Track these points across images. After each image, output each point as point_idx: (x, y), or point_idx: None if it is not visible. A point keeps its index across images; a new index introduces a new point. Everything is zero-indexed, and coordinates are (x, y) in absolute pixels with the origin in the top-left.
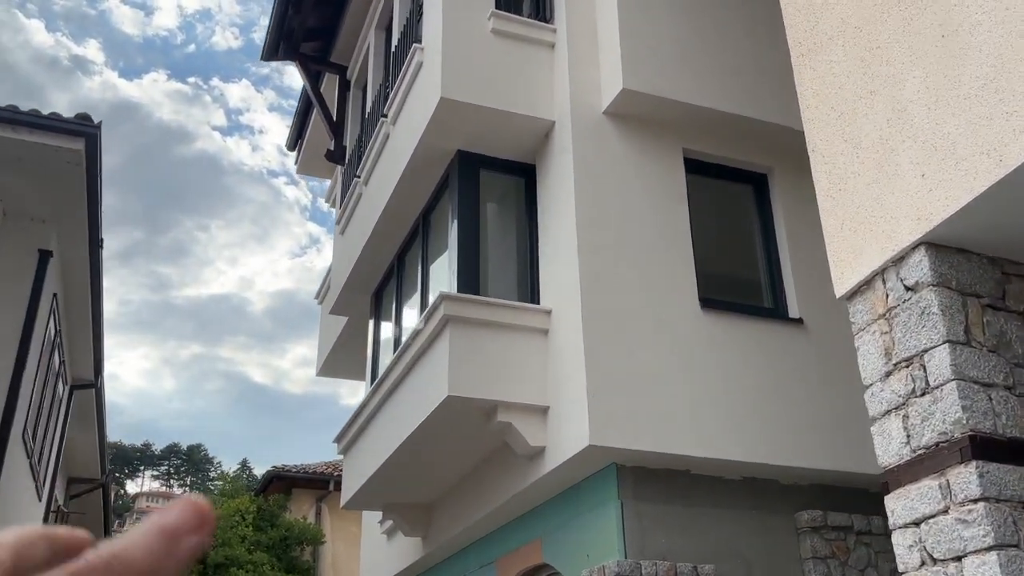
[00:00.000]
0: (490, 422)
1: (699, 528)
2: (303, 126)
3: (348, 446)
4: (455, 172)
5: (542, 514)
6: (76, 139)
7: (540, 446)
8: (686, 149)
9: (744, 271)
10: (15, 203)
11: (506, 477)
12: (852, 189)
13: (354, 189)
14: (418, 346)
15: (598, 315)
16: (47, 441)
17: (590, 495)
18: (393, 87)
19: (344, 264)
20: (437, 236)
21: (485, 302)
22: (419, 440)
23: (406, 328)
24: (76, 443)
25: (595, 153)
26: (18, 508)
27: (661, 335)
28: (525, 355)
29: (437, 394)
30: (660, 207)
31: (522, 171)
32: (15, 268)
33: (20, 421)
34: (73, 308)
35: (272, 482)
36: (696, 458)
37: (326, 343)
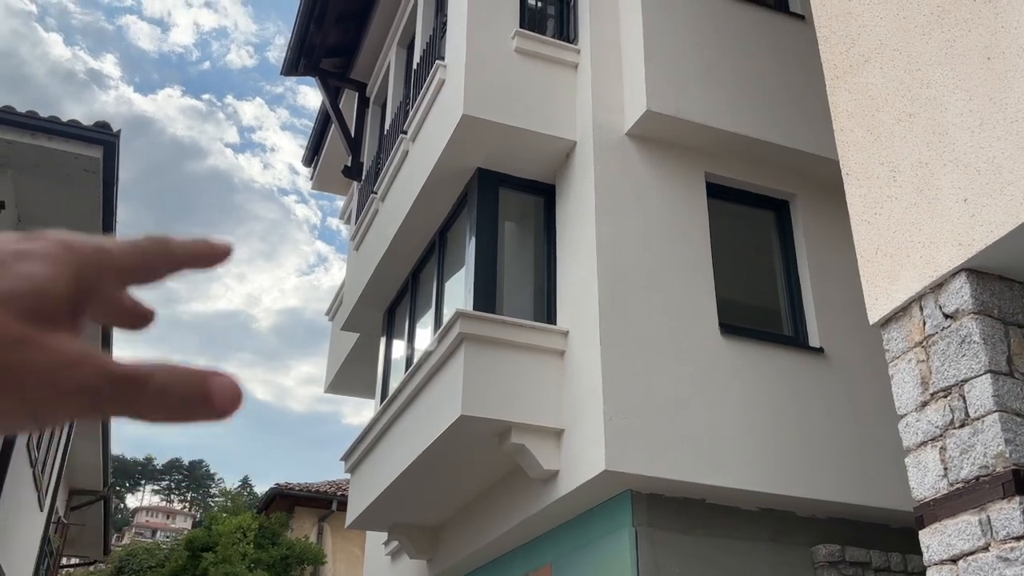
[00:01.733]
0: (503, 444)
1: (714, 558)
2: (320, 142)
3: (355, 465)
4: (474, 190)
5: (554, 539)
6: (94, 147)
7: (554, 469)
8: (708, 173)
9: (765, 298)
10: (31, 209)
11: (517, 500)
12: (888, 214)
13: (370, 205)
14: (431, 364)
15: (616, 338)
16: (51, 451)
17: (604, 521)
18: (413, 104)
19: (358, 280)
20: (454, 254)
21: (501, 321)
22: (429, 460)
23: (419, 346)
24: (79, 454)
25: (617, 174)
26: (20, 518)
27: (680, 360)
28: (540, 376)
29: (450, 413)
30: (681, 231)
31: (542, 191)
32: None
33: None
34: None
35: (274, 500)
36: (713, 487)
37: (335, 360)
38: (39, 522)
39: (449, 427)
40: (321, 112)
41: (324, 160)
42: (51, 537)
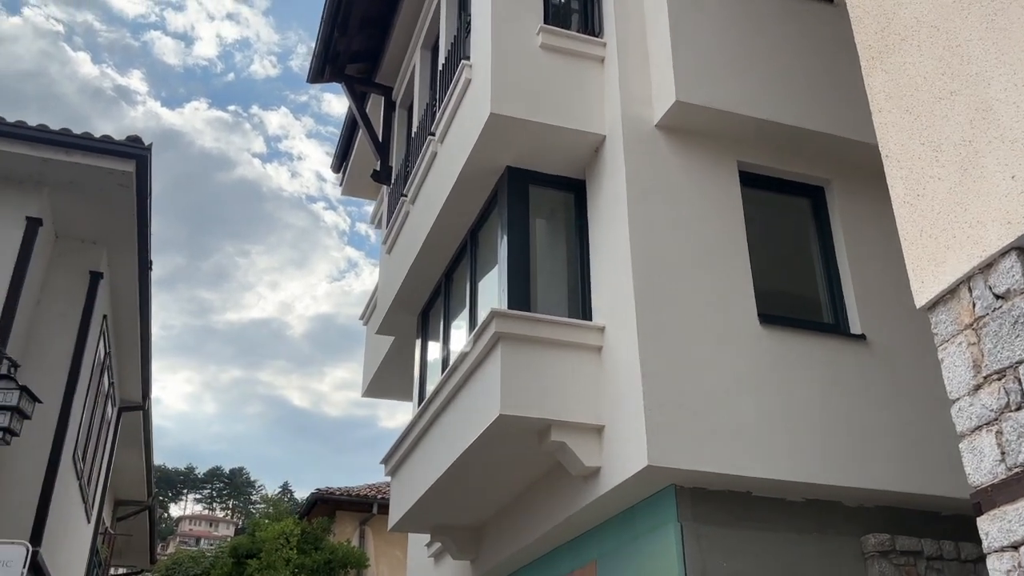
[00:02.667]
0: (543, 442)
1: (762, 552)
2: (348, 148)
3: (395, 468)
4: (504, 189)
5: (597, 536)
6: (127, 161)
7: (595, 466)
8: (741, 162)
9: (803, 287)
10: (67, 225)
11: (559, 498)
12: (932, 194)
13: (401, 208)
14: (468, 364)
15: (654, 332)
16: (96, 463)
17: (648, 517)
18: (440, 105)
19: (391, 283)
20: (486, 253)
21: (536, 319)
22: (470, 461)
23: (454, 347)
24: (123, 465)
25: (648, 167)
26: (69, 530)
27: (720, 352)
28: (578, 373)
29: (489, 413)
30: (715, 221)
31: (572, 187)
32: (67, 289)
33: (71, 443)
34: (122, 330)
35: (316, 505)
36: (758, 479)
37: (372, 363)
38: (87, 534)
39: (488, 427)
40: (348, 118)
41: (353, 165)
42: (99, 548)
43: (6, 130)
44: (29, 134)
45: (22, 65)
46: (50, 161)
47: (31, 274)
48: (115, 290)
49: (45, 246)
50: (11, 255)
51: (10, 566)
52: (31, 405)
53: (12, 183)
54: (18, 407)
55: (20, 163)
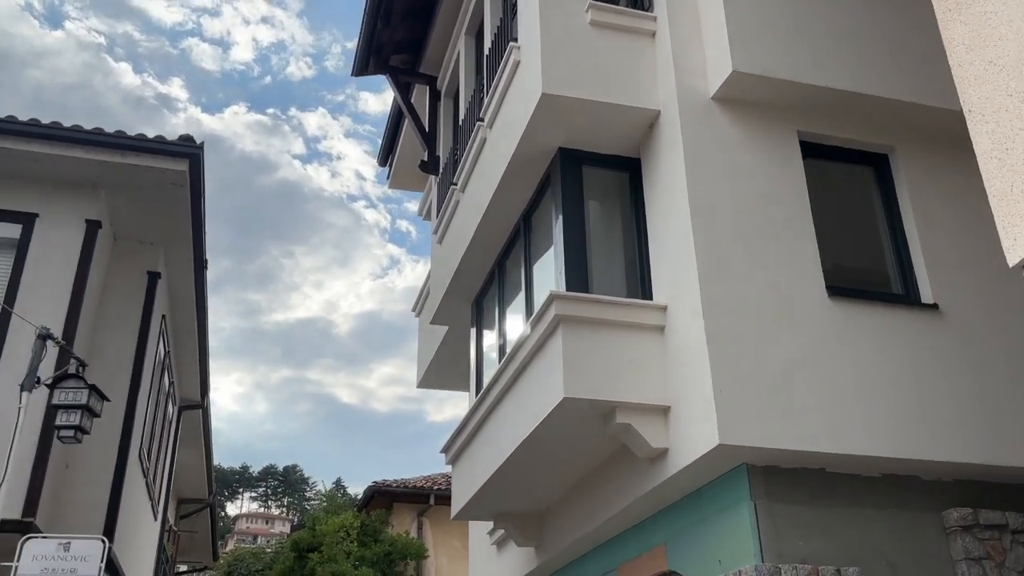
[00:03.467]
0: (608, 424)
1: (838, 529)
2: (394, 140)
3: (456, 456)
4: (557, 171)
5: (666, 518)
6: (180, 160)
7: (663, 447)
8: (801, 132)
9: (870, 257)
10: (124, 227)
11: (626, 481)
12: (1023, 147)
13: (451, 197)
14: (528, 349)
15: (720, 308)
16: (160, 461)
17: (719, 497)
18: (488, 91)
19: (443, 273)
20: (540, 238)
21: (596, 300)
22: (533, 446)
23: (510, 334)
24: (184, 464)
25: (705, 140)
26: (138, 528)
27: (788, 326)
28: (641, 354)
29: (552, 397)
30: (777, 193)
31: (626, 166)
32: (127, 290)
33: (137, 441)
34: (180, 329)
35: (373, 497)
36: (832, 455)
37: (425, 354)
38: (154, 531)
39: (552, 410)
40: (393, 110)
41: (399, 158)
42: (165, 545)
43: (63, 135)
44: (85, 138)
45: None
46: (106, 163)
47: (92, 276)
48: (172, 290)
49: (104, 248)
50: (73, 258)
51: (88, 560)
52: (100, 403)
53: (70, 187)
54: (88, 405)
55: (77, 167)
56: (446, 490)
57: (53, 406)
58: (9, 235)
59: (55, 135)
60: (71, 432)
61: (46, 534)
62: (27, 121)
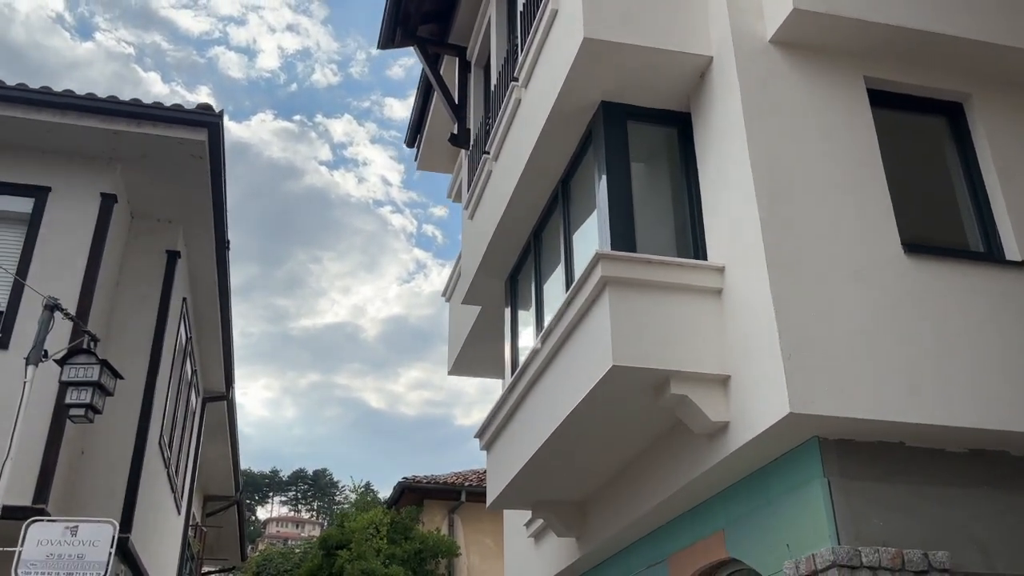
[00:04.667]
0: (660, 397)
1: (921, 509)
2: (421, 120)
3: (491, 441)
4: (599, 126)
5: (724, 501)
6: (199, 130)
7: (723, 421)
8: (868, 78)
9: (948, 212)
10: (142, 203)
11: (679, 461)
12: None
13: (483, 168)
14: (570, 318)
15: (786, 267)
16: (183, 453)
17: (787, 475)
18: (523, 48)
19: (475, 250)
20: (580, 203)
21: (647, 260)
22: (576, 424)
23: (548, 310)
24: (210, 459)
25: (765, 87)
26: (159, 521)
27: (862, 285)
28: (697, 319)
29: (599, 367)
30: (845, 143)
31: (674, 120)
32: (145, 270)
33: (156, 428)
34: (202, 315)
35: (403, 494)
36: (912, 425)
37: (456, 340)
38: (178, 526)
39: (599, 381)
40: (421, 87)
41: (427, 138)
42: (190, 541)
43: (76, 103)
44: (99, 106)
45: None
46: (121, 133)
47: (109, 254)
48: (193, 271)
49: (121, 225)
50: (88, 232)
51: (97, 545)
52: (112, 381)
53: (85, 159)
54: (99, 382)
55: (91, 137)
56: (478, 487)
57: (63, 383)
58: (21, 209)
59: (68, 104)
60: (82, 411)
61: (53, 517)
62: (39, 89)
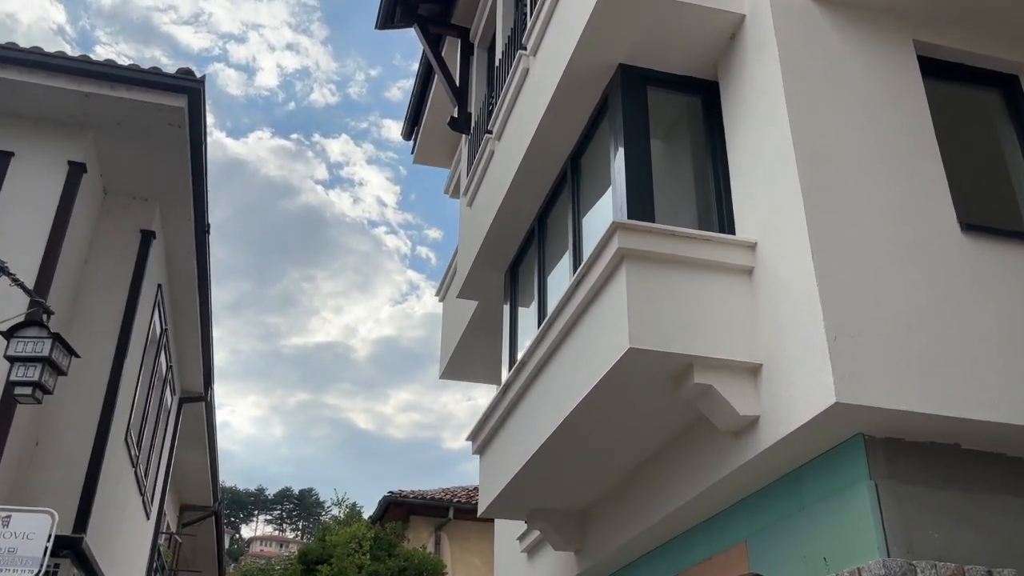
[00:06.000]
0: (681, 388)
1: (983, 520)
2: (419, 110)
3: (485, 444)
4: (617, 90)
5: (748, 509)
6: (178, 96)
7: (752, 415)
8: (918, 42)
9: (1003, 191)
10: (115, 178)
11: (698, 463)
12: None
13: (484, 149)
14: (581, 297)
15: (830, 240)
16: (154, 452)
17: (825, 477)
18: (532, 14)
19: (473, 239)
20: (591, 181)
21: (671, 232)
22: (582, 420)
23: (551, 300)
24: (187, 466)
25: (805, 47)
26: (124, 524)
27: (913, 264)
28: (724, 300)
29: (612, 351)
30: (894, 112)
31: (699, 88)
32: (116, 249)
33: (122, 421)
34: (179, 306)
35: (388, 509)
36: (969, 422)
37: (449, 341)
38: (147, 531)
39: (613, 367)
40: (420, 74)
41: (425, 129)
42: (161, 550)
43: (44, 62)
44: (70, 66)
45: None
46: (93, 96)
47: (76, 229)
48: (170, 256)
49: (91, 199)
50: (52, 201)
51: (32, 539)
52: (67, 359)
53: (53, 125)
54: (50, 358)
55: (61, 99)
56: (466, 503)
57: (8, 358)
58: None
59: (36, 62)
60: (28, 390)
61: None
62: (5, 45)
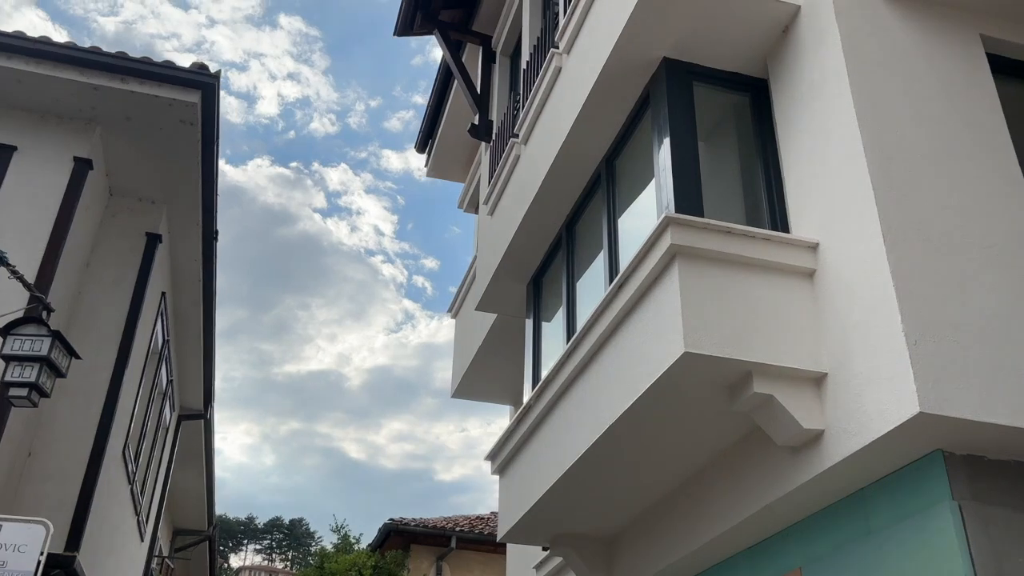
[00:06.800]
0: (737, 399)
1: None
2: (435, 122)
3: (507, 463)
4: (661, 85)
5: (802, 533)
6: (191, 91)
7: (816, 429)
8: (986, 38)
9: None
10: (123, 178)
11: (748, 484)
12: None
13: (509, 154)
14: (623, 302)
15: (905, 238)
16: (151, 472)
17: (898, 499)
18: (566, 13)
19: (494, 249)
20: (629, 183)
21: (727, 229)
22: (622, 434)
23: (581, 311)
24: (182, 488)
25: (869, 35)
26: (117, 545)
27: (995, 267)
28: (785, 304)
29: (662, 357)
30: (964, 104)
31: (746, 85)
32: (121, 252)
33: (120, 434)
34: (183, 317)
35: (389, 536)
36: None
37: (463, 359)
38: (140, 555)
39: (663, 375)
40: (437, 84)
41: (440, 142)
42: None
43: (51, 51)
44: (79, 56)
45: None
46: (102, 89)
47: (80, 228)
48: (175, 262)
49: (97, 198)
50: (56, 198)
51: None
52: (67, 360)
53: (59, 118)
54: (49, 358)
55: (68, 91)
56: (468, 532)
57: (4, 357)
58: None
59: (43, 51)
60: (24, 391)
61: None
62: (11, 33)
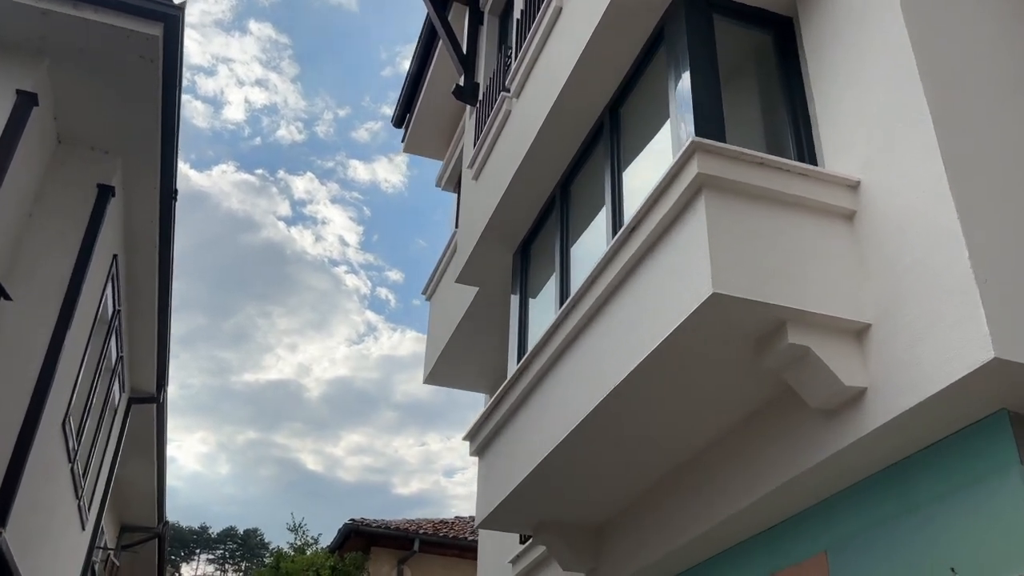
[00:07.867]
0: (768, 352)
1: None
2: (414, 93)
3: (487, 442)
4: (680, 17)
5: (828, 513)
6: (152, 23)
7: (859, 387)
8: None
9: None
10: (73, 122)
11: (771, 454)
12: None
13: (498, 111)
14: (640, 241)
15: (969, 176)
16: (95, 452)
17: (950, 468)
18: None
19: (478, 216)
20: (636, 131)
21: (760, 160)
22: (630, 395)
23: (576, 277)
24: (131, 480)
25: None
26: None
27: None
28: (822, 246)
29: (689, 298)
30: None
31: (770, 23)
32: (68, 204)
33: (60, 405)
34: (137, 286)
35: (349, 537)
36: None
37: (436, 342)
38: (81, 543)
39: (687, 319)
40: (418, 49)
41: (418, 116)
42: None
43: None
44: None
45: None
46: (52, 15)
47: (21, 172)
48: (130, 223)
49: (43, 143)
50: None
51: None
52: None
53: (3, 47)
54: None
55: (13, 16)
56: (432, 536)
57: None
58: None
59: None
60: None
61: None
62: None
